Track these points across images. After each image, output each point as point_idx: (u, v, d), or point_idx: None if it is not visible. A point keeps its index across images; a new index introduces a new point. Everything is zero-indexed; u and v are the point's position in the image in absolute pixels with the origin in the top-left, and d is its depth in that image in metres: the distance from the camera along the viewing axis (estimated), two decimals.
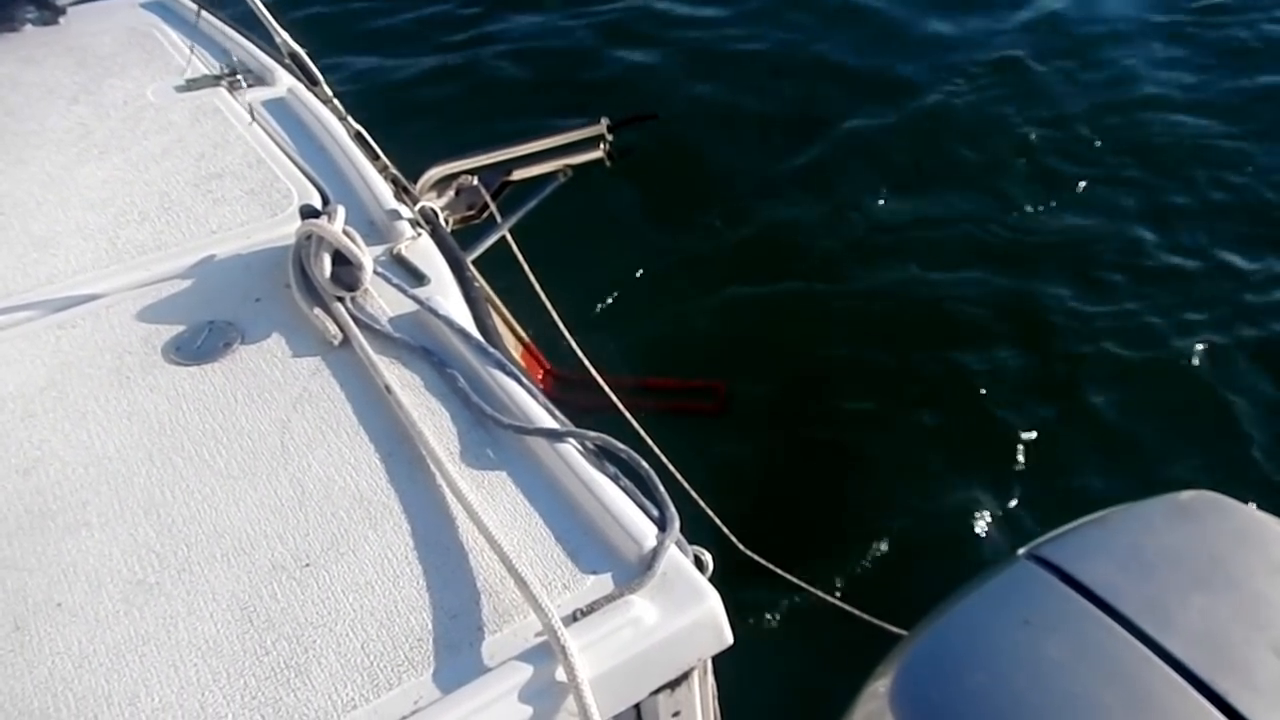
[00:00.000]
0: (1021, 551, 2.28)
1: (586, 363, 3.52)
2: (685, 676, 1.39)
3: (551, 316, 3.69)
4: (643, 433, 3.10)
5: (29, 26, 3.26)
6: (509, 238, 3.57)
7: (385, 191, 2.35)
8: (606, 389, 3.39)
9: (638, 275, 5.57)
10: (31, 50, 3.11)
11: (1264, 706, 1.89)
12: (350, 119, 2.80)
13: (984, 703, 1.94)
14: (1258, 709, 1.89)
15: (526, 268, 3.72)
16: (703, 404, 4.78)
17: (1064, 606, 2.09)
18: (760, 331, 5.23)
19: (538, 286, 3.72)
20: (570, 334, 3.64)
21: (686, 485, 3.09)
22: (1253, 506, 2.33)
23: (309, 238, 1.95)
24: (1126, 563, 2.17)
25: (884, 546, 4.17)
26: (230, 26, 3.17)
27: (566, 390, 4.41)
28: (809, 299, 5.44)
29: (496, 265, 3.71)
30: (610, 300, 5.37)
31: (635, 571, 1.39)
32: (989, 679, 1.98)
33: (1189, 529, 2.27)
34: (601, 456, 1.59)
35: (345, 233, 1.93)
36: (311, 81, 2.90)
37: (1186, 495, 2.39)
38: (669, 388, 4.80)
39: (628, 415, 3.28)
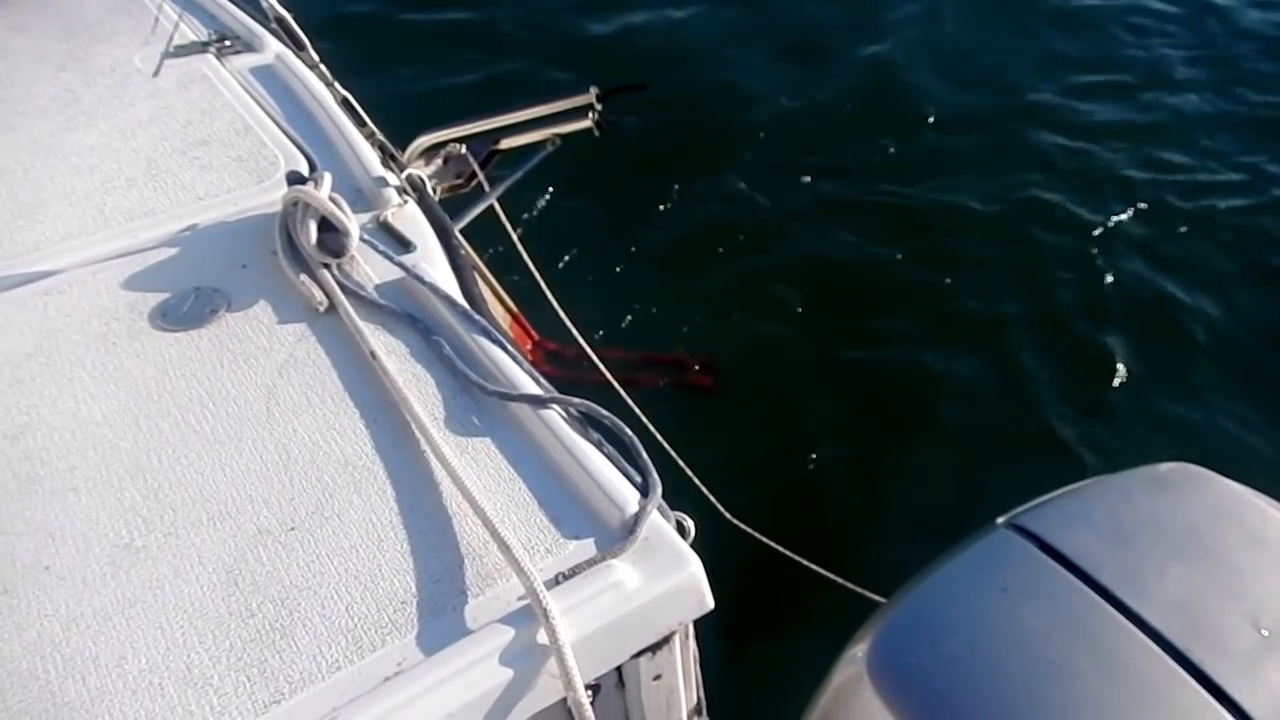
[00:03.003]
0: (1000, 520, 2.29)
1: (575, 331, 3.52)
2: (666, 640, 1.41)
3: (539, 286, 3.69)
4: (629, 400, 3.11)
5: None
6: (497, 207, 3.56)
7: (372, 158, 2.34)
8: (594, 357, 3.39)
9: (626, 246, 5.56)
10: (19, 17, 3.08)
11: (1238, 675, 1.92)
12: (337, 85, 2.79)
13: (960, 668, 1.97)
14: (1232, 677, 1.91)
15: (515, 237, 3.72)
16: (691, 377, 4.79)
17: (1042, 575, 2.11)
18: (750, 303, 5.24)
19: (526, 256, 3.72)
20: (558, 303, 3.64)
21: (671, 451, 3.11)
22: (1230, 479, 2.35)
23: (295, 204, 1.95)
24: (1105, 532, 2.19)
25: (866, 514, 4.22)
26: None
27: (553, 360, 4.42)
28: (801, 271, 5.44)
29: (484, 234, 3.70)
30: (598, 271, 5.36)
31: (618, 536, 1.41)
32: (966, 645, 2.00)
33: (1167, 500, 2.29)
34: (585, 423, 1.60)
35: (332, 199, 1.93)
36: (298, 47, 2.89)
37: (1165, 467, 2.41)
38: (657, 360, 4.80)
39: (615, 384, 3.28)
